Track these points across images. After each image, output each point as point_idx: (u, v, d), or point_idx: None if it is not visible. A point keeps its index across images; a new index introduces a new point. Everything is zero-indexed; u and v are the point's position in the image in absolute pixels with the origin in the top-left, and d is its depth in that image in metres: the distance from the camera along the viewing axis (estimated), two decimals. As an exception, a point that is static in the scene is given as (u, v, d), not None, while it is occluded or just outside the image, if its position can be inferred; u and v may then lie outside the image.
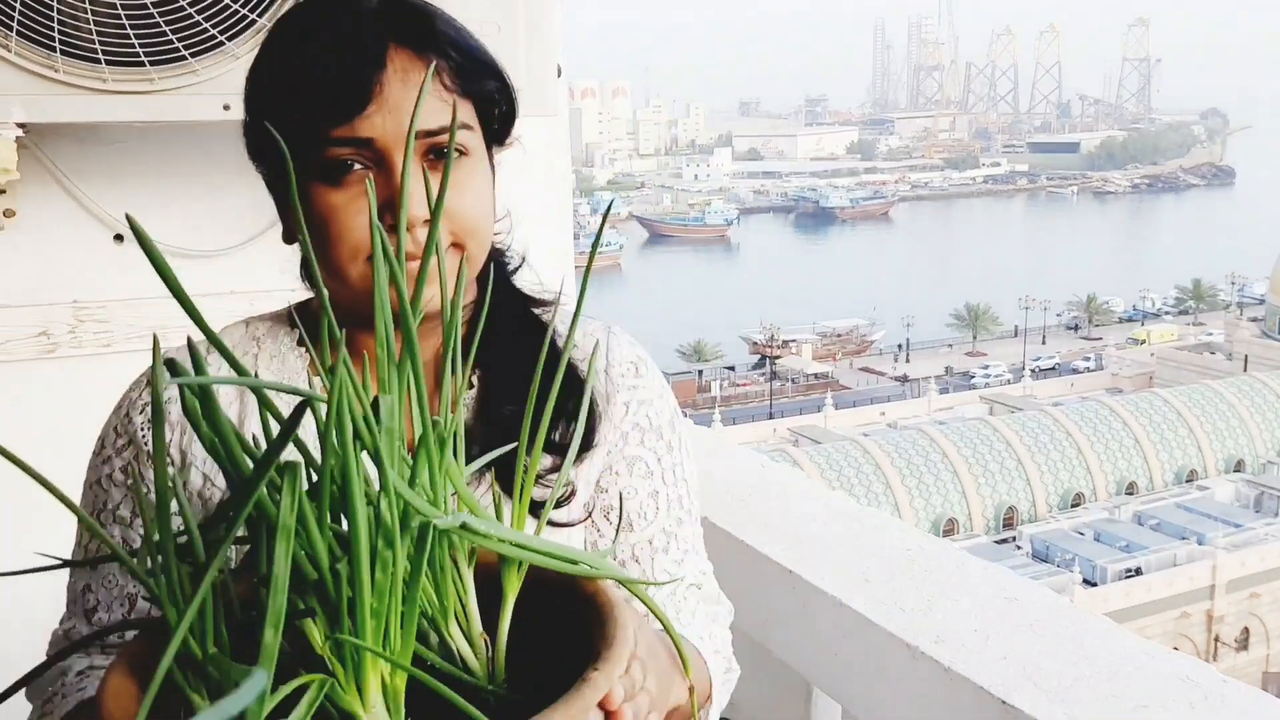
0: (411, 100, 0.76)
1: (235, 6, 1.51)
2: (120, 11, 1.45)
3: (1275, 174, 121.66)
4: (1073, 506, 29.10)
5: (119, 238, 1.95)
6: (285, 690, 0.42)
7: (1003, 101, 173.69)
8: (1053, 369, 46.53)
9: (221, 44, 1.52)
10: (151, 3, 1.46)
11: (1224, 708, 0.98)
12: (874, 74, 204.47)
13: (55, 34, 1.43)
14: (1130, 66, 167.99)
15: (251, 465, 0.46)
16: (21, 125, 1.47)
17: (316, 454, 0.47)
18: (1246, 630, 25.02)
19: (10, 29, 1.42)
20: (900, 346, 52.01)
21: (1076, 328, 55.78)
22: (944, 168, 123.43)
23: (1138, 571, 23.87)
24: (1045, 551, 24.97)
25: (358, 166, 0.78)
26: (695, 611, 0.91)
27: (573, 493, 0.89)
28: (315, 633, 0.47)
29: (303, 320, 0.90)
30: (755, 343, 49.43)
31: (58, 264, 1.92)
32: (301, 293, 0.94)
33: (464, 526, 0.49)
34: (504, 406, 0.84)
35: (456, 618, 0.54)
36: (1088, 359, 46.88)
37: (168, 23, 1.48)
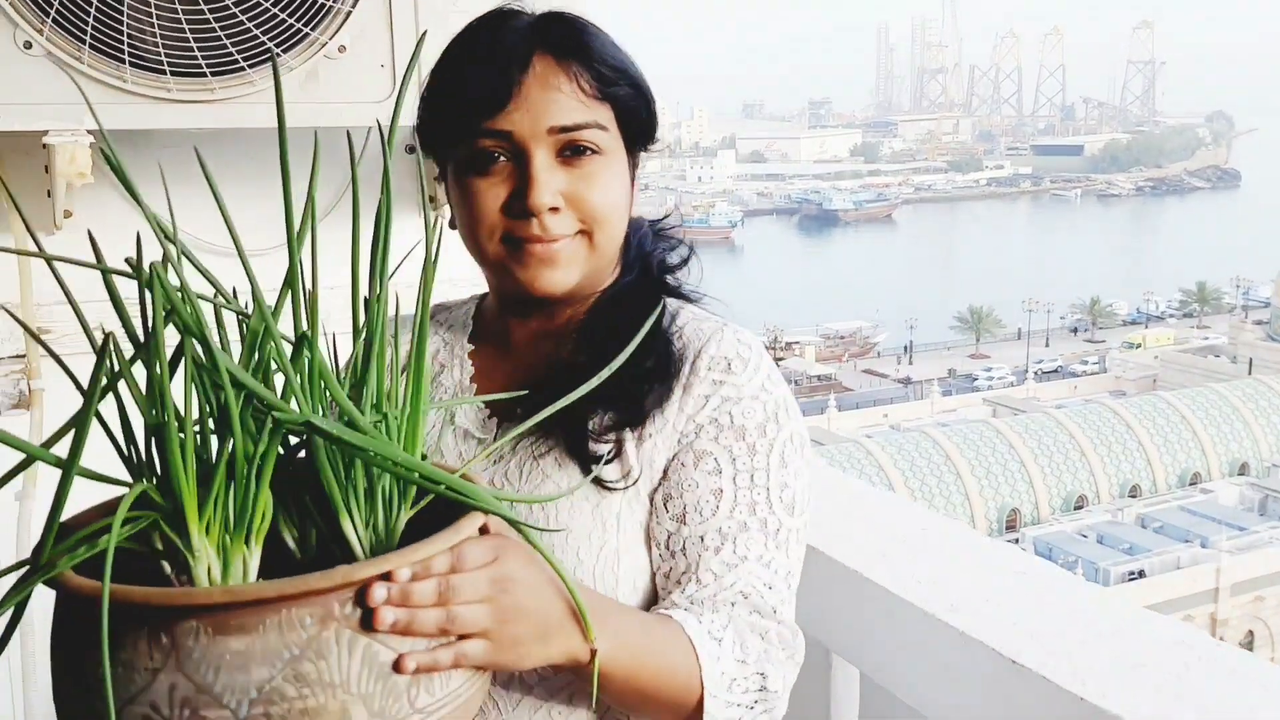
0: (548, 101, 0.88)
1: (290, 20, 1.61)
2: (184, 26, 1.55)
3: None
4: (1076, 509, 29.15)
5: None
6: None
7: (1006, 104, 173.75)
8: (1054, 371, 46.56)
9: (278, 56, 1.62)
10: (214, 18, 1.56)
11: (1216, 667, 1.07)
12: (877, 77, 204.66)
13: (125, 47, 1.53)
14: (1135, 69, 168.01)
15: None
16: (91, 132, 1.57)
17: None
18: (1251, 634, 25.05)
19: (83, 43, 1.52)
20: (906, 348, 52.10)
21: (1076, 330, 55.80)
22: (947, 170, 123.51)
23: (1141, 574, 23.92)
24: (1048, 554, 25.00)
25: (501, 159, 0.90)
26: (734, 618, 0.87)
27: (617, 454, 0.90)
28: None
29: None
30: (759, 345, 49.40)
31: (111, 262, 2.02)
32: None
33: (308, 424, 0.63)
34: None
35: (354, 515, 0.69)
36: (1085, 362, 46.88)
37: (228, 36, 1.58)
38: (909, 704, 1.26)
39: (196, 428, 0.66)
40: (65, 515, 0.65)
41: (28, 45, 1.50)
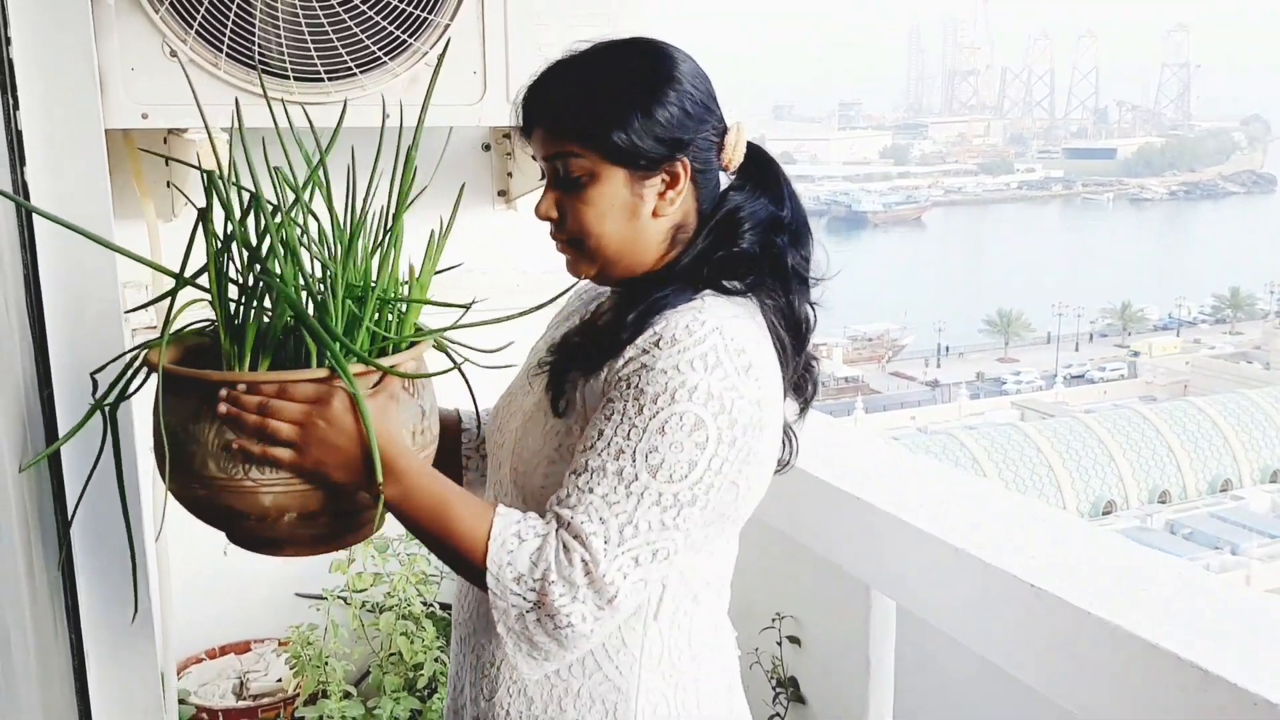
0: (535, 136, 1.15)
1: (395, 31, 1.82)
2: (306, 37, 1.76)
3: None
4: (1104, 514, 28.98)
5: (269, 225, 2.28)
6: None
7: (1038, 107, 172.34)
8: (1080, 376, 46.26)
9: (384, 62, 1.83)
10: (331, 29, 1.77)
11: (1203, 592, 1.26)
12: (908, 78, 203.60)
13: (255, 54, 1.75)
14: (1169, 72, 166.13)
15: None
16: (225, 130, 1.78)
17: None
18: (1280, 640, 24.83)
19: (220, 51, 1.74)
20: (939, 349, 51.90)
21: (1105, 335, 55.35)
22: (978, 173, 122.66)
23: (1169, 579, 23.75)
24: (1076, 557, 24.89)
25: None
26: (551, 529, 1.01)
27: (569, 390, 1.12)
28: None
29: None
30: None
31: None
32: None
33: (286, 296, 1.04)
34: (574, 336, 1.18)
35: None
36: (1102, 369, 46.51)
37: (342, 45, 1.79)
38: (941, 629, 1.45)
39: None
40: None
41: (173, 54, 1.72)
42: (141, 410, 1.64)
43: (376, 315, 1.12)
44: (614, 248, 1.12)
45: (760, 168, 1.16)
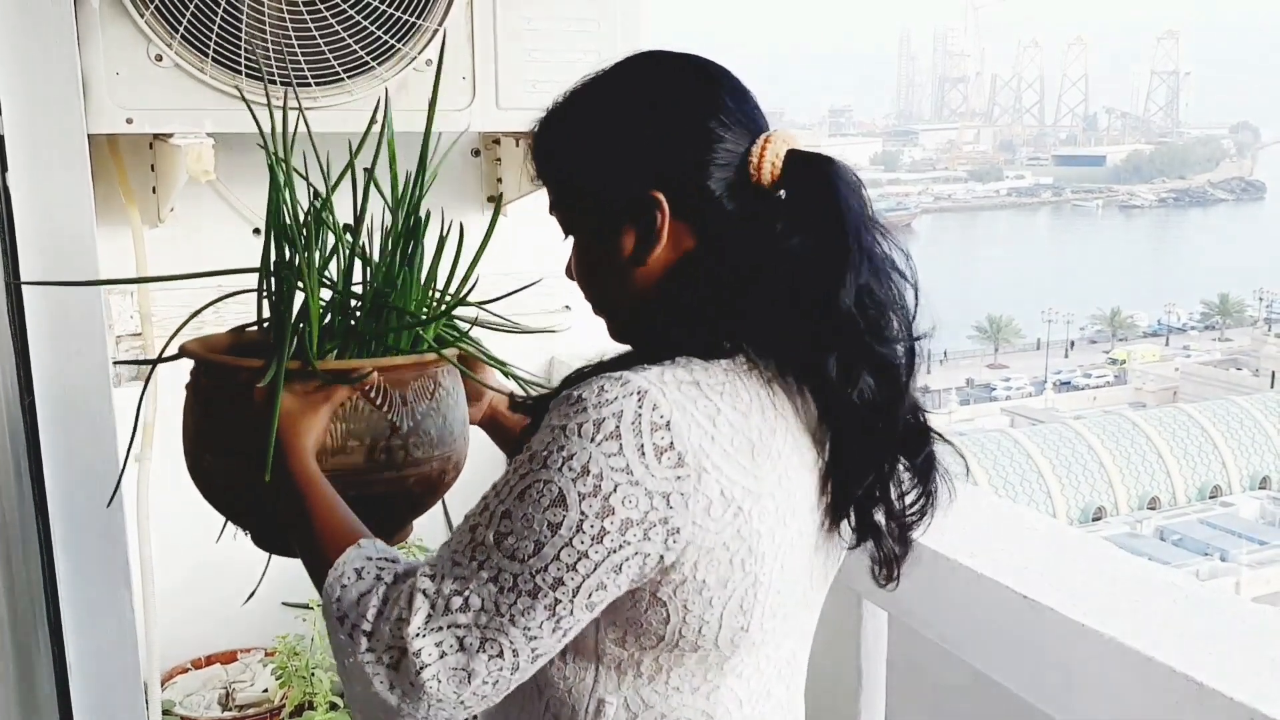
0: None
1: (384, 36, 1.81)
2: (294, 41, 1.75)
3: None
4: (1094, 520, 29.08)
5: (257, 231, 2.26)
6: None
7: (1028, 114, 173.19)
8: (1067, 383, 46.47)
9: (372, 67, 1.82)
10: (318, 33, 1.76)
11: (1199, 602, 1.25)
12: (899, 85, 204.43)
13: (242, 59, 1.73)
14: (1159, 80, 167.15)
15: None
16: (210, 135, 1.77)
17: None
18: (1269, 646, 24.93)
19: (206, 56, 1.72)
20: (938, 355, 52.04)
21: (1095, 341, 55.61)
22: (968, 179, 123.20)
23: (1159, 585, 23.84)
24: (1066, 563, 24.96)
25: None
26: (396, 575, 0.87)
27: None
28: None
29: None
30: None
31: (206, 252, 2.23)
32: None
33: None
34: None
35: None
36: (1088, 375, 46.73)
37: (330, 50, 1.78)
38: (933, 640, 1.43)
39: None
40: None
41: (158, 58, 1.70)
42: (124, 415, 1.63)
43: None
44: (601, 305, 1.00)
45: (801, 186, 0.92)
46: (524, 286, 1.19)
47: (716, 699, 0.92)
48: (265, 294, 1.08)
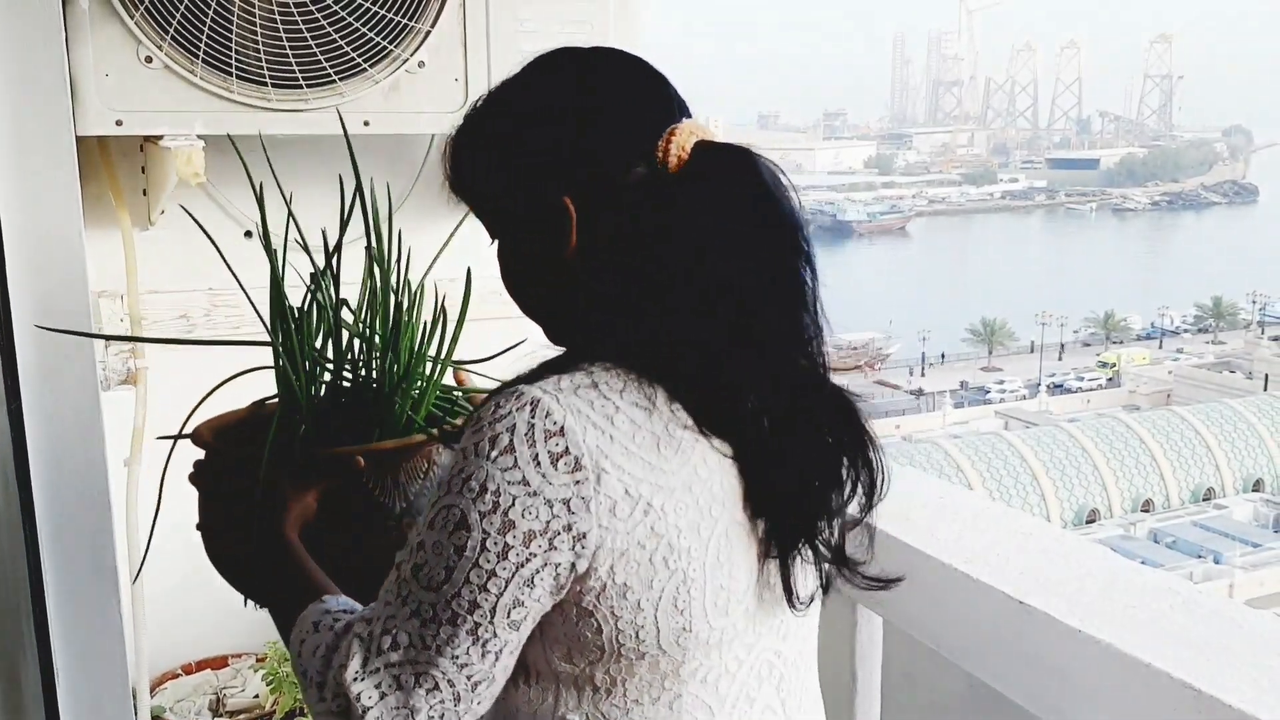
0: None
1: (375, 38, 1.80)
2: (284, 42, 1.74)
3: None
4: (1088, 523, 29.12)
5: (248, 234, 2.24)
6: None
7: (1022, 117, 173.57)
8: (1061, 386, 46.57)
9: (364, 69, 1.81)
10: (310, 34, 1.75)
11: (1197, 608, 1.24)
12: (893, 89, 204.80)
13: (233, 61, 1.72)
14: (1152, 83, 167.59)
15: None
16: (200, 136, 1.76)
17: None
18: (1262, 648, 24.97)
19: (196, 57, 1.71)
20: (937, 358, 52.16)
21: (1089, 344, 55.74)
22: (962, 183, 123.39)
23: (1153, 588, 23.86)
24: (1060, 566, 24.96)
25: None
26: (332, 629, 0.87)
27: None
28: None
29: None
30: (771, 355, 49.49)
31: (197, 256, 2.21)
32: None
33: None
34: None
35: None
36: (1080, 378, 46.82)
37: (321, 51, 1.76)
38: (928, 646, 1.43)
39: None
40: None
41: (148, 60, 1.69)
42: (109, 412, 1.61)
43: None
44: (527, 309, 0.98)
45: (708, 173, 0.90)
46: (509, 348, 1.18)
47: (680, 707, 0.89)
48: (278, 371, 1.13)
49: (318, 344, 1.13)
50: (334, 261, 1.14)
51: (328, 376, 1.13)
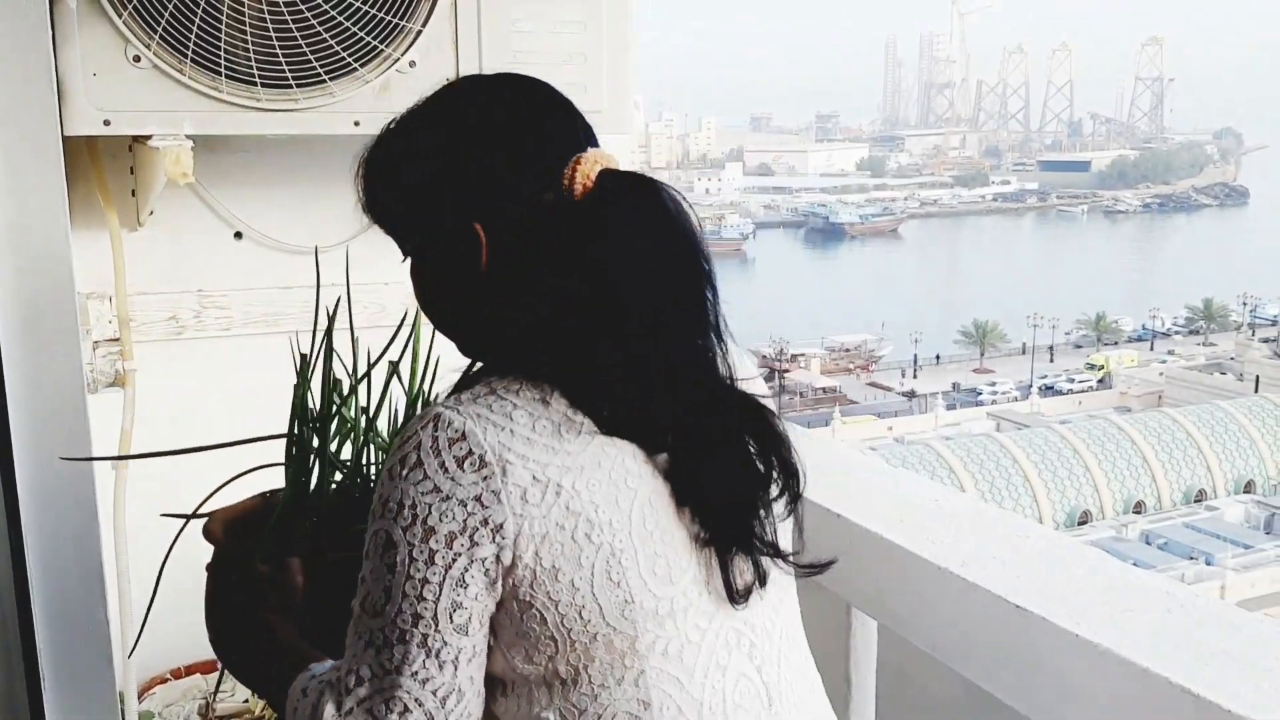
0: None
1: (366, 37, 1.78)
2: (274, 42, 1.72)
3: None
4: (1080, 524, 29.18)
5: (238, 235, 2.23)
6: None
7: (1013, 120, 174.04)
8: (1052, 388, 46.67)
9: (354, 69, 1.79)
10: (299, 34, 1.73)
11: (1194, 611, 1.23)
12: (885, 91, 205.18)
13: (222, 61, 1.70)
14: (1143, 85, 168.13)
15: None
16: (189, 137, 1.74)
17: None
18: (1253, 649, 25.02)
19: (185, 57, 1.69)
20: (929, 359, 52.22)
21: (1080, 346, 55.87)
22: (953, 185, 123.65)
23: (1145, 589, 23.90)
24: (1052, 567, 24.98)
25: None
26: (317, 690, 0.90)
27: None
28: None
29: None
30: (764, 357, 49.68)
31: (186, 257, 2.19)
32: None
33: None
34: None
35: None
36: (1072, 380, 46.93)
37: (311, 51, 1.75)
38: (923, 649, 1.42)
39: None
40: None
41: (136, 59, 1.67)
42: (97, 414, 1.60)
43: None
44: (440, 325, 1.01)
45: (610, 201, 0.92)
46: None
47: (646, 683, 0.89)
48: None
49: (332, 447, 1.16)
50: (362, 384, 1.18)
51: (338, 476, 1.16)
